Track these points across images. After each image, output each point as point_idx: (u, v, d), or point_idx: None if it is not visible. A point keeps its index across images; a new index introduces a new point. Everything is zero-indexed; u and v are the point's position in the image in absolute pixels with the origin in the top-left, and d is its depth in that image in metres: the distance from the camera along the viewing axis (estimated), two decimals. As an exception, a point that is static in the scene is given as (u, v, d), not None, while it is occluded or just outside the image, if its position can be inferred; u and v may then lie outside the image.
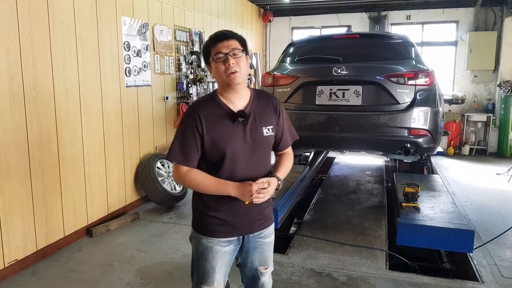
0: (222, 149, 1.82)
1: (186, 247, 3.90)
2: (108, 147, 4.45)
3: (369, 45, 4.27)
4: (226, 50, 1.79)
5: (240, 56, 1.81)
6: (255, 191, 1.77)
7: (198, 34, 6.26)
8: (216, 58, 1.80)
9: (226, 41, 1.80)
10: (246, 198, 1.80)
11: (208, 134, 1.81)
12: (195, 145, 1.82)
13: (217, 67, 1.82)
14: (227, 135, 1.83)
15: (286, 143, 2.06)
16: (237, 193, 1.81)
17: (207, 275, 1.96)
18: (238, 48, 1.81)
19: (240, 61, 1.81)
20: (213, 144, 1.82)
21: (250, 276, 2.10)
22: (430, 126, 3.66)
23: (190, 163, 1.84)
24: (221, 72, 1.80)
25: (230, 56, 1.79)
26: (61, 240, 3.88)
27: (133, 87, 4.82)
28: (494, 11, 8.40)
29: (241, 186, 1.81)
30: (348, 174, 6.27)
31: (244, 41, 1.88)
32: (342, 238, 3.96)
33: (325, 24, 9.49)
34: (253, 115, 1.88)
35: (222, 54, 1.79)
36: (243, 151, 1.86)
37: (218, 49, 1.80)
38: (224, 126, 1.83)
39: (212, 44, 1.83)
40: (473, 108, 8.77)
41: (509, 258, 3.72)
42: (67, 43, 3.83)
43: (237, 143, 1.84)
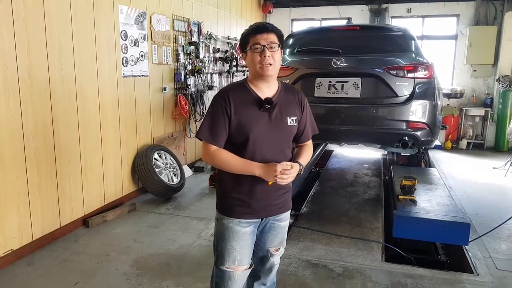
0: (247, 132, 1.91)
1: (183, 238, 3.90)
2: (105, 137, 4.43)
3: (369, 37, 4.23)
4: (264, 42, 1.88)
5: (276, 50, 1.91)
6: (279, 171, 1.84)
7: (196, 24, 6.20)
8: (253, 48, 1.90)
9: (266, 33, 1.90)
10: (270, 178, 1.87)
11: (235, 116, 1.91)
12: (223, 125, 1.92)
13: (253, 56, 1.91)
14: (253, 120, 1.92)
15: (307, 136, 2.15)
16: (262, 172, 1.88)
17: (227, 254, 2.03)
18: (275, 42, 1.90)
19: (275, 54, 1.90)
20: (239, 126, 1.92)
21: (260, 256, 2.19)
22: (428, 119, 3.65)
23: (218, 143, 1.94)
24: (256, 62, 1.90)
25: (267, 48, 1.88)
26: (57, 231, 3.86)
27: (130, 77, 4.78)
28: (495, 5, 8.36)
29: (266, 166, 1.88)
30: (345, 167, 6.27)
31: (282, 36, 1.96)
32: (339, 230, 3.97)
33: (325, 16, 9.42)
34: (279, 105, 1.98)
35: (260, 46, 1.88)
36: (266, 137, 1.95)
37: (256, 40, 1.89)
38: (251, 111, 1.93)
39: (252, 34, 1.92)
40: (471, 103, 8.76)
41: (504, 251, 3.73)
42: (63, 31, 3.79)
43: (261, 128, 1.93)
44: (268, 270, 2.24)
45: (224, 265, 2.05)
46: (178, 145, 6.05)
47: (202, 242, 3.83)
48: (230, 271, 2.05)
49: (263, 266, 2.22)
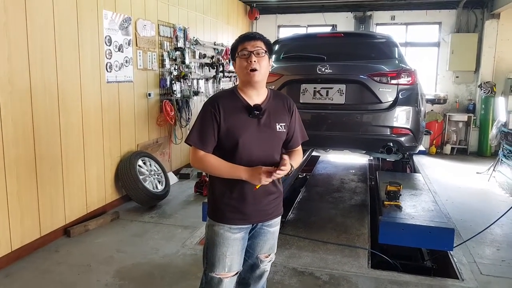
0: (236, 138, 1.94)
1: (167, 247, 3.84)
2: (87, 145, 4.35)
3: (353, 44, 4.26)
4: (251, 48, 1.94)
5: (262, 56, 1.95)
6: (263, 174, 1.87)
7: (182, 30, 6.18)
8: (240, 54, 1.96)
9: (253, 41, 1.96)
10: (256, 181, 1.89)
11: (224, 123, 1.95)
12: (212, 131, 1.95)
13: (240, 62, 1.97)
14: (242, 126, 1.96)
15: (297, 142, 2.17)
16: (247, 176, 1.91)
17: (217, 261, 2.03)
18: (262, 48, 1.96)
19: (261, 60, 1.95)
20: (228, 132, 1.95)
21: (250, 264, 2.19)
22: (412, 125, 3.68)
23: (206, 148, 1.97)
24: (243, 68, 1.95)
25: (254, 54, 1.93)
26: (37, 241, 3.77)
27: (114, 83, 4.72)
28: (475, 14, 8.54)
29: (252, 170, 1.91)
30: (332, 172, 6.28)
31: (269, 44, 2.02)
32: (325, 237, 3.95)
33: (311, 23, 9.50)
34: (268, 111, 2.01)
35: (247, 52, 1.94)
36: (256, 143, 1.98)
37: (244, 46, 1.96)
38: (240, 117, 1.97)
39: (240, 42, 1.99)
40: (454, 108, 8.90)
41: (488, 256, 3.77)
42: (45, 37, 3.72)
43: (250, 134, 1.96)
44: (258, 277, 2.22)
45: (214, 272, 2.04)
46: (163, 151, 5.98)
47: (186, 251, 3.77)
48: (219, 278, 2.04)
49: (253, 273, 2.20)
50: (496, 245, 4.00)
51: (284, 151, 2.16)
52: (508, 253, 3.84)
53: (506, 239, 4.15)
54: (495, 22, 8.26)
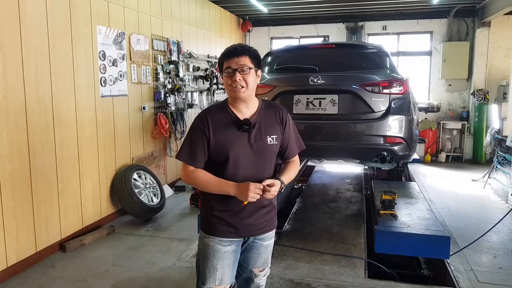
0: (226, 153, 1.94)
1: (163, 261, 3.82)
2: (82, 159, 4.35)
3: (344, 54, 4.31)
4: (234, 66, 1.92)
5: (247, 73, 1.93)
6: (252, 190, 1.85)
7: (176, 44, 6.23)
8: (225, 72, 1.95)
9: (237, 57, 1.93)
10: (243, 197, 1.87)
11: (214, 138, 1.95)
12: (202, 147, 1.96)
13: (225, 80, 1.97)
14: (232, 141, 1.95)
15: (292, 153, 2.15)
16: (236, 192, 1.90)
17: (208, 274, 2.03)
18: (247, 65, 1.93)
19: (247, 77, 1.93)
20: (218, 147, 1.95)
21: (245, 278, 2.18)
22: (405, 134, 3.70)
23: (196, 164, 1.97)
24: (227, 85, 1.95)
25: (238, 72, 1.91)
26: (33, 256, 3.75)
27: (108, 97, 4.74)
28: (466, 22, 8.66)
29: (239, 185, 1.90)
30: (327, 182, 6.28)
31: (256, 56, 1.99)
32: (322, 247, 3.94)
33: (304, 34, 9.60)
34: (258, 124, 2.00)
35: (231, 70, 1.92)
36: (247, 157, 1.97)
37: (228, 63, 1.94)
38: (230, 132, 1.96)
39: (225, 58, 1.97)
40: (448, 116, 8.96)
41: (485, 263, 3.77)
42: (40, 52, 3.74)
43: (240, 149, 1.95)
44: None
45: (206, 284, 2.03)
46: (158, 164, 5.98)
47: (183, 264, 3.75)
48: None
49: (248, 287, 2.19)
50: (492, 253, 4.00)
51: (280, 161, 2.16)
52: (505, 260, 3.84)
53: (502, 246, 4.15)
54: (486, 30, 8.37)
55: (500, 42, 8.33)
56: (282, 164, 2.18)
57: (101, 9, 4.58)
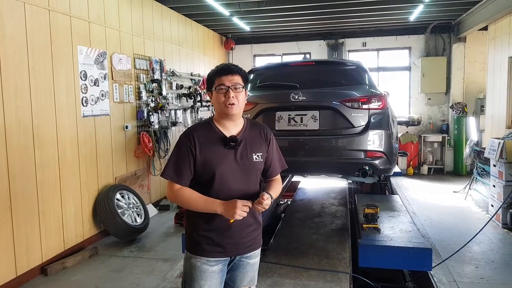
0: (212, 170, 1.94)
1: (147, 282, 3.77)
2: (64, 180, 4.29)
3: (324, 71, 4.38)
4: (228, 83, 1.94)
5: (240, 91, 1.96)
6: (239, 208, 1.85)
7: (158, 62, 6.25)
8: (218, 89, 1.95)
9: (231, 75, 1.96)
10: (230, 215, 1.86)
11: (200, 155, 1.94)
12: (188, 164, 1.94)
13: (218, 96, 1.96)
14: (218, 158, 1.95)
15: (275, 171, 2.17)
16: (222, 210, 1.89)
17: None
18: (239, 83, 1.96)
19: (239, 95, 1.96)
20: (205, 164, 1.94)
21: None
22: (385, 148, 3.76)
23: (182, 181, 1.96)
24: (220, 102, 1.95)
25: (231, 89, 1.93)
26: (13, 281, 3.66)
27: (90, 116, 4.71)
28: (443, 38, 8.92)
29: (227, 203, 1.89)
30: (312, 197, 6.28)
31: (246, 77, 2.04)
32: (307, 263, 3.91)
33: (286, 52, 9.75)
34: (244, 142, 2.02)
35: (225, 87, 1.94)
36: (233, 174, 1.97)
37: (221, 81, 1.95)
38: (216, 149, 1.96)
39: (218, 75, 1.98)
40: (429, 129, 9.15)
41: (467, 274, 3.82)
42: (19, 73, 3.72)
43: (227, 166, 1.95)
44: None
45: None
46: (142, 183, 5.93)
47: (167, 284, 3.70)
48: None
49: None
50: (474, 263, 4.06)
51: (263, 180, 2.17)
52: (486, 270, 3.90)
53: (484, 256, 4.21)
54: (462, 45, 8.64)
55: (476, 56, 8.60)
56: (265, 183, 2.19)
57: (82, 29, 4.59)
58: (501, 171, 5.18)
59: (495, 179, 5.34)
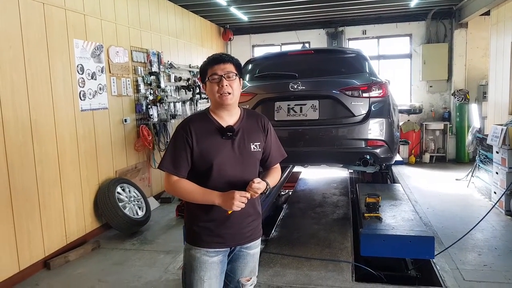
0: (210, 160, 1.93)
1: (149, 274, 3.77)
2: (64, 174, 4.28)
3: (323, 60, 4.33)
4: (221, 72, 1.93)
5: (233, 79, 1.95)
6: (237, 199, 1.83)
7: (156, 55, 6.20)
8: (211, 78, 1.94)
9: (222, 64, 1.94)
10: (228, 206, 1.85)
11: (197, 146, 1.93)
12: (185, 156, 1.94)
13: (211, 87, 1.95)
14: (215, 148, 1.94)
15: (274, 160, 2.17)
16: (220, 201, 1.88)
17: (195, 286, 1.99)
18: (232, 71, 1.95)
19: (233, 83, 1.94)
20: (202, 155, 1.93)
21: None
22: (386, 136, 3.72)
23: (180, 173, 1.94)
24: (214, 92, 1.94)
25: (224, 78, 1.92)
26: (16, 275, 3.67)
27: (88, 110, 4.68)
28: (444, 24, 8.81)
29: (224, 195, 1.88)
30: (314, 187, 6.28)
31: (239, 65, 2.02)
32: (309, 253, 3.93)
33: (285, 41, 9.66)
34: (241, 132, 2.00)
35: (217, 76, 1.93)
36: (230, 164, 1.96)
37: (214, 70, 1.94)
38: (213, 139, 1.95)
39: (209, 65, 1.96)
40: (430, 117, 9.08)
41: (470, 261, 3.80)
42: (15, 68, 3.69)
43: (224, 156, 1.94)
44: None
45: None
46: (142, 176, 5.92)
47: (169, 276, 3.71)
48: None
49: None
50: (477, 250, 4.04)
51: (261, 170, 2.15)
52: (489, 257, 3.88)
53: (487, 244, 4.20)
54: (463, 31, 8.53)
55: (478, 42, 8.50)
56: (264, 171, 2.18)
57: (78, 22, 4.54)
58: (504, 158, 5.14)
59: (498, 166, 5.31)
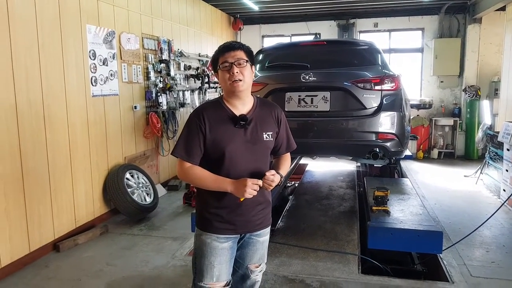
0: (223, 149, 1.94)
1: (156, 259, 3.81)
2: (74, 159, 4.32)
3: (336, 51, 4.30)
4: (231, 59, 1.93)
5: (244, 66, 1.95)
6: (249, 186, 1.85)
7: (166, 42, 6.20)
8: (222, 66, 1.95)
9: (233, 51, 1.95)
10: (240, 193, 1.87)
11: (210, 134, 1.94)
12: (198, 143, 1.95)
13: (223, 75, 1.96)
14: (228, 137, 1.95)
15: (285, 151, 2.18)
16: (232, 189, 1.90)
17: (205, 271, 2.02)
18: (243, 58, 1.95)
19: (244, 70, 1.94)
20: (214, 143, 1.94)
21: (240, 274, 2.17)
22: (397, 130, 3.71)
23: (192, 160, 1.96)
24: (226, 80, 1.94)
25: (235, 65, 1.92)
26: (26, 256, 3.72)
27: (99, 96, 4.70)
28: (457, 19, 8.70)
29: (237, 182, 1.89)
30: (320, 180, 6.29)
31: (250, 52, 2.01)
32: (315, 244, 3.95)
33: (295, 32, 9.59)
34: (254, 121, 2.01)
35: (228, 63, 1.93)
36: (242, 153, 1.97)
37: (224, 58, 1.95)
38: (226, 128, 1.96)
39: (220, 53, 1.97)
40: (440, 113, 9.01)
41: (477, 258, 3.80)
42: (29, 53, 3.71)
43: (236, 145, 1.95)
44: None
45: (203, 282, 2.03)
46: (151, 163, 5.96)
47: (176, 262, 3.75)
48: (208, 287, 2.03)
49: (244, 284, 2.19)
50: (485, 247, 4.03)
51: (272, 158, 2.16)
52: (497, 254, 3.87)
53: (495, 241, 4.19)
54: (477, 27, 8.42)
55: (491, 38, 8.38)
56: (273, 160, 2.19)
57: (91, 8, 4.54)
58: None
59: (508, 163, 5.27)
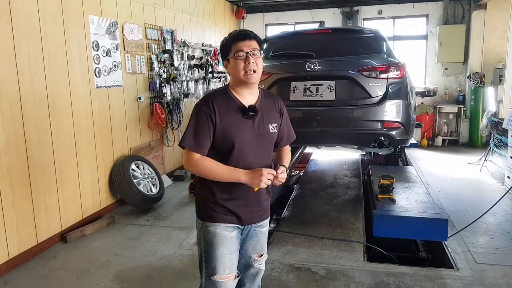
0: (232, 140, 1.89)
1: (164, 249, 3.85)
2: (80, 151, 4.34)
3: (341, 40, 4.28)
4: (247, 49, 1.87)
5: (258, 57, 1.91)
6: (265, 176, 1.84)
7: (170, 32, 6.16)
8: (236, 55, 1.88)
9: (248, 40, 1.89)
10: (256, 184, 1.85)
11: (220, 123, 1.88)
12: (208, 133, 1.88)
13: (236, 64, 1.89)
14: (237, 127, 1.91)
15: (286, 142, 2.18)
16: (247, 179, 1.87)
17: (218, 263, 1.97)
18: (257, 48, 1.90)
19: (258, 61, 1.90)
20: (224, 134, 1.89)
21: (244, 264, 2.16)
22: (402, 118, 3.71)
23: (202, 150, 1.90)
24: (240, 69, 1.88)
25: (250, 55, 1.87)
26: (34, 248, 3.76)
27: (103, 87, 4.70)
28: (462, 5, 8.60)
29: (252, 172, 1.87)
30: (325, 169, 6.31)
31: (262, 42, 1.97)
32: (321, 232, 3.98)
33: (299, 20, 9.52)
34: (261, 112, 1.98)
35: (243, 53, 1.87)
36: (251, 144, 1.94)
37: (239, 47, 1.88)
38: (235, 118, 1.92)
39: (234, 41, 1.90)
40: (444, 100, 8.97)
41: (482, 244, 3.81)
42: (32, 44, 3.70)
43: (245, 136, 1.92)
44: (253, 276, 2.21)
45: (216, 275, 1.97)
46: (156, 154, 5.98)
47: (183, 252, 3.78)
48: (222, 282, 1.98)
49: (247, 272, 2.20)
50: (489, 234, 4.05)
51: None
52: (501, 241, 3.89)
53: (499, 228, 4.20)
54: (482, 13, 8.33)
55: (496, 24, 8.29)
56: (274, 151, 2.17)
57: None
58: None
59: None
